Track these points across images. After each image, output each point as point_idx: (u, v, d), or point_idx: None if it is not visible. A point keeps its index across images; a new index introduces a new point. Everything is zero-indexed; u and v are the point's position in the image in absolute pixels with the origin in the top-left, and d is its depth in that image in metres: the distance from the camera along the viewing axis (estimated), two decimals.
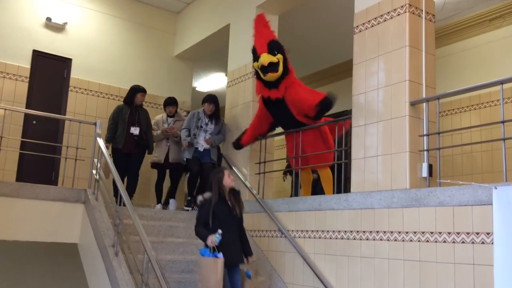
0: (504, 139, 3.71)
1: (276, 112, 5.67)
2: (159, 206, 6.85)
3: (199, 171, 6.52)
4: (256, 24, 5.75)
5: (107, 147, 6.17)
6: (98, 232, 5.16)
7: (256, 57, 5.47)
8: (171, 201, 6.81)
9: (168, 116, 7.15)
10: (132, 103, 6.73)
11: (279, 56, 5.39)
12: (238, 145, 6.27)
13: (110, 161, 5.63)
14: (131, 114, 6.67)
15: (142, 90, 6.79)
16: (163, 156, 6.94)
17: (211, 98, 6.65)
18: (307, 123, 5.56)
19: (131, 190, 6.58)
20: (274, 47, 5.44)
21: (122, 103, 6.92)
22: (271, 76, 5.38)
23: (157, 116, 7.29)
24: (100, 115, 7.85)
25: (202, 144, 6.51)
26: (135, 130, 6.60)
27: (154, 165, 7.13)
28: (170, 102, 7.19)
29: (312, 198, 5.13)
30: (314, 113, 5.35)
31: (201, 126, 6.55)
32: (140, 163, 6.81)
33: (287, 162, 7.72)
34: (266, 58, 5.31)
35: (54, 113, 7.34)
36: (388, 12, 4.63)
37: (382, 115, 4.51)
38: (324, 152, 5.59)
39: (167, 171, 7.18)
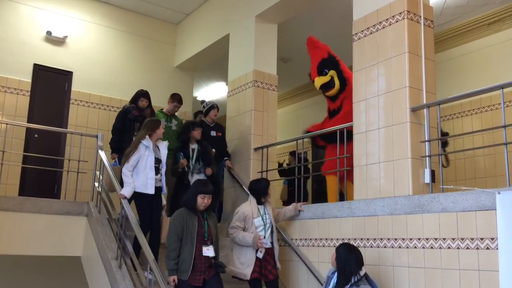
0: (506, 144, 3.70)
1: None
2: None
3: None
4: (308, 49, 5.95)
5: (171, 282, 4.13)
6: (101, 245, 5.15)
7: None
8: None
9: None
10: (195, 208, 4.31)
11: (332, 72, 5.66)
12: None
13: (116, 182, 5.05)
14: (199, 223, 4.31)
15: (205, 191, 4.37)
16: None
17: None
18: None
19: None
20: (324, 66, 5.70)
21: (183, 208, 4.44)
22: (330, 93, 5.72)
23: None
24: (102, 128, 7.83)
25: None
26: (208, 251, 4.25)
27: None
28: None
29: (315, 206, 5.11)
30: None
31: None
32: None
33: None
34: (317, 83, 5.69)
35: (55, 126, 7.37)
36: (386, 19, 4.64)
37: (383, 122, 4.50)
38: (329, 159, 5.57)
39: None
